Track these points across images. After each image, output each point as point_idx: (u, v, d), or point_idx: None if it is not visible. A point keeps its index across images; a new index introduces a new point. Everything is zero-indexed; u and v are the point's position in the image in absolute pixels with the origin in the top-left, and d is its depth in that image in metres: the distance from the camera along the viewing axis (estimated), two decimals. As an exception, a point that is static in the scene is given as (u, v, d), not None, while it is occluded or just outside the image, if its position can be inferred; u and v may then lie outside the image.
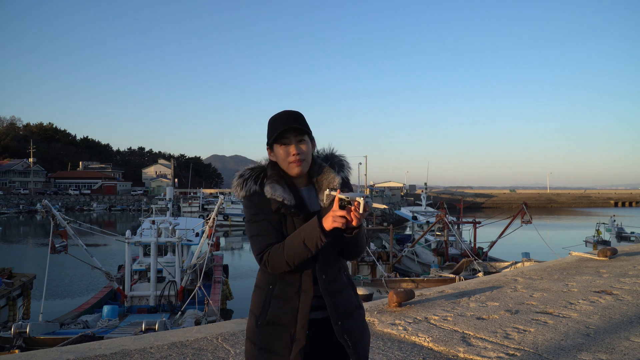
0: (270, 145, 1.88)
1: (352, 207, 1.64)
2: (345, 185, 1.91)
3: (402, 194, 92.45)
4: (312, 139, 1.91)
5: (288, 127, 1.80)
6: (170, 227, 15.27)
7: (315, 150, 1.98)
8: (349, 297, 1.91)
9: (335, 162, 1.97)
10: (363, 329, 1.93)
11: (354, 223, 1.65)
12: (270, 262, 1.76)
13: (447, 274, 16.08)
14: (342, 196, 1.66)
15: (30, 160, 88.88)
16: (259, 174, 1.87)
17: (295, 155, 1.81)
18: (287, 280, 1.82)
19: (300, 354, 1.74)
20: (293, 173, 1.85)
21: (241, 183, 1.86)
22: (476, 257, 18.16)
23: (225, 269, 18.90)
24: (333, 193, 1.72)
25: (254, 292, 1.91)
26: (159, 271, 14.19)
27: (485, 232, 23.29)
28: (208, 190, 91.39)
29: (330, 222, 1.66)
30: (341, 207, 1.67)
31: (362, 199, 1.65)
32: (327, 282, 1.84)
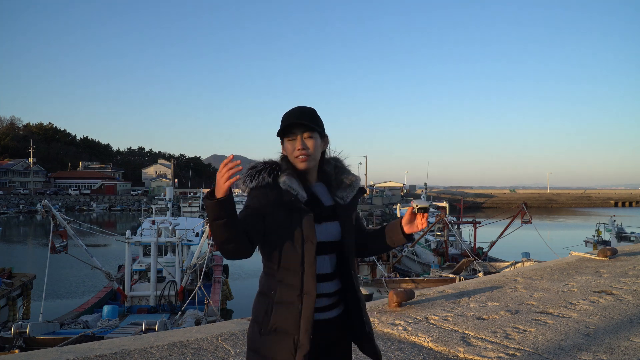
0: (281, 140, 1.88)
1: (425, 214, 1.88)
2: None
3: (402, 194, 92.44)
4: (323, 137, 1.89)
5: (293, 122, 1.79)
6: (170, 227, 15.28)
7: (329, 151, 1.96)
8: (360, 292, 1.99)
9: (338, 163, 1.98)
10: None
11: (421, 227, 1.89)
12: None
13: (447, 274, 16.08)
14: (425, 204, 1.88)
15: (30, 160, 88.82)
16: (272, 167, 1.82)
17: (300, 150, 1.79)
18: (288, 283, 1.74)
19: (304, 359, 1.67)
20: (299, 168, 1.82)
21: (253, 174, 1.78)
22: (476, 257, 18.16)
23: (225, 269, 18.93)
24: (416, 204, 1.91)
25: (257, 299, 1.84)
26: (159, 271, 14.20)
27: (485, 232, 23.30)
28: (208, 190, 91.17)
29: (409, 228, 1.89)
30: (417, 213, 1.89)
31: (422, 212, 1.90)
32: (355, 277, 1.90)
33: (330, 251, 1.81)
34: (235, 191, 1.85)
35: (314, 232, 1.73)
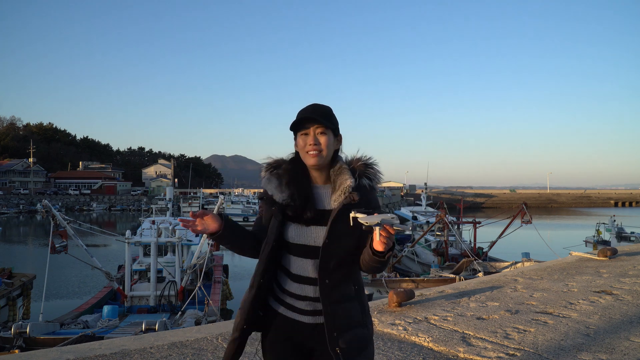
0: (295, 135, 1.87)
1: (375, 233, 1.58)
2: (361, 191, 1.78)
3: (402, 194, 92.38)
4: (337, 136, 1.86)
5: (308, 116, 1.79)
6: (170, 227, 15.29)
7: (341, 151, 1.91)
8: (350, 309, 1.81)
9: (357, 167, 1.85)
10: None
11: (380, 248, 1.60)
12: None
13: (447, 274, 16.07)
14: (363, 221, 1.58)
15: (30, 160, 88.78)
16: (276, 166, 1.88)
17: (312, 145, 1.78)
18: (254, 276, 1.90)
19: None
20: (309, 163, 1.81)
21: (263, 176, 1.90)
22: (476, 257, 18.14)
23: (225, 269, 18.90)
24: (356, 215, 1.61)
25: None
26: (159, 271, 14.19)
27: (485, 232, 23.27)
28: (208, 190, 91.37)
29: (378, 245, 1.60)
30: (365, 230, 1.61)
31: (377, 228, 1.57)
32: (332, 288, 1.78)
33: (315, 256, 1.78)
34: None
35: (274, 234, 1.80)
